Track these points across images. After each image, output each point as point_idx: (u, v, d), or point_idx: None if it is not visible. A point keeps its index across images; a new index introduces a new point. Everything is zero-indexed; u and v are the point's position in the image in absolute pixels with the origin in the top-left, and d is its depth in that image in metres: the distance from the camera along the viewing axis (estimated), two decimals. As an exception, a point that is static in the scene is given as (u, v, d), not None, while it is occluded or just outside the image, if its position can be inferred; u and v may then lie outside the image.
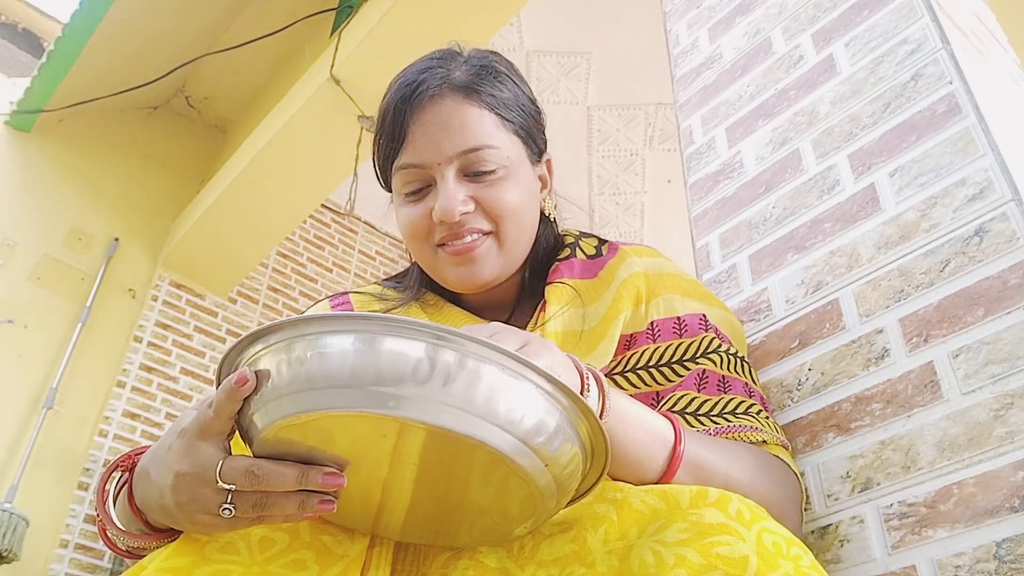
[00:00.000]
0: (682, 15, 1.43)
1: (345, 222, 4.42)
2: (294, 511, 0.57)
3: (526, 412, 0.54)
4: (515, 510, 0.59)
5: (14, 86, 3.57)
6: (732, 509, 0.59)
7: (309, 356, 0.53)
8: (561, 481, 0.57)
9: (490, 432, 0.53)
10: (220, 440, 0.59)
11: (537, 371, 0.54)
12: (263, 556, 0.62)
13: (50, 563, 2.86)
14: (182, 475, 0.59)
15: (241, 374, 0.55)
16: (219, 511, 0.57)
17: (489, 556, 0.64)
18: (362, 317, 0.53)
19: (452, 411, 0.52)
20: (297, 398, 0.53)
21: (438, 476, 0.58)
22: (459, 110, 0.80)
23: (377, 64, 2.89)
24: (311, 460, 0.56)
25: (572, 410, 0.56)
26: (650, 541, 0.58)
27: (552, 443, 0.55)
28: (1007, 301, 0.76)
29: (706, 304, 0.87)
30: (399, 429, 0.53)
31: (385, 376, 0.51)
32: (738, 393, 0.79)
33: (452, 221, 0.79)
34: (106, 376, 3.23)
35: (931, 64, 0.95)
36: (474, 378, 0.52)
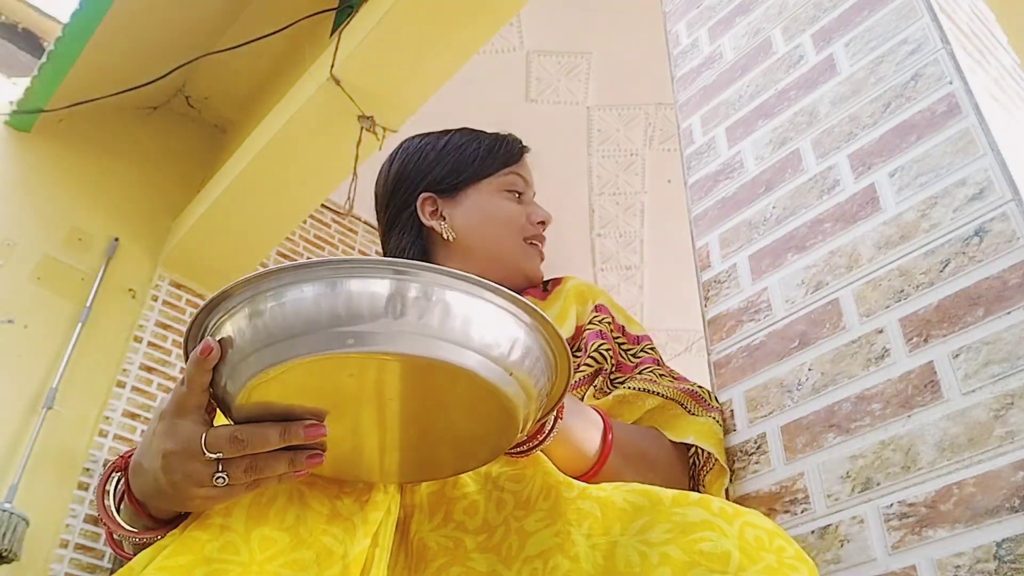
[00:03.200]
0: (682, 15, 1.43)
1: (345, 222, 4.42)
2: (286, 469, 0.59)
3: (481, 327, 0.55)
4: (492, 426, 0.61)
5: (14, 86, 3.57)
6: (715, 506, 0.60)
7: (266, 310, 0.54)
8: (528, 386, 0.59)
9: (452, 351, 0.54)
10: (199, 414, 0.60)
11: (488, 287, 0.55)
12: (263, 556, 0.62)
13: (50, 563, 2.85)
14: (170, 453, 0.60)
15: (205, 344, 0.57)
16: (213, 481, 0.59)
17: (480, 562, 0.64)
18: (309, 264, 0.54)
19: (410, 337, 0.53)
20: (261, 354, 0.54)
21: (411, 406, 0.59)
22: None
23: (377, 64, 2.89)
24: (290, 416, 0.58)
25: (531, 324, 0.58)
26: (635, 540, 0.59)
27: (512, 352, 0.56)
28: (1007, 301, 0.76)
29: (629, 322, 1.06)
30: (362, 366, 0.54)
31: (340, 316, 0.52)
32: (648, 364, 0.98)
33: (549, 223, 1.07)
34: (106, 376, 3.23)
35: (931, 64, 0.95)
36: (427, 303, 0.53)
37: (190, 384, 0.59)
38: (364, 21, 2.88)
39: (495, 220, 1.03)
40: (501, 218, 1.03)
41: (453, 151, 1.06)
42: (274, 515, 0.66)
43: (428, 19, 2.75)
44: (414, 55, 2.84)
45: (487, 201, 1.04)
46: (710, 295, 1.09)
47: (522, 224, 1.03)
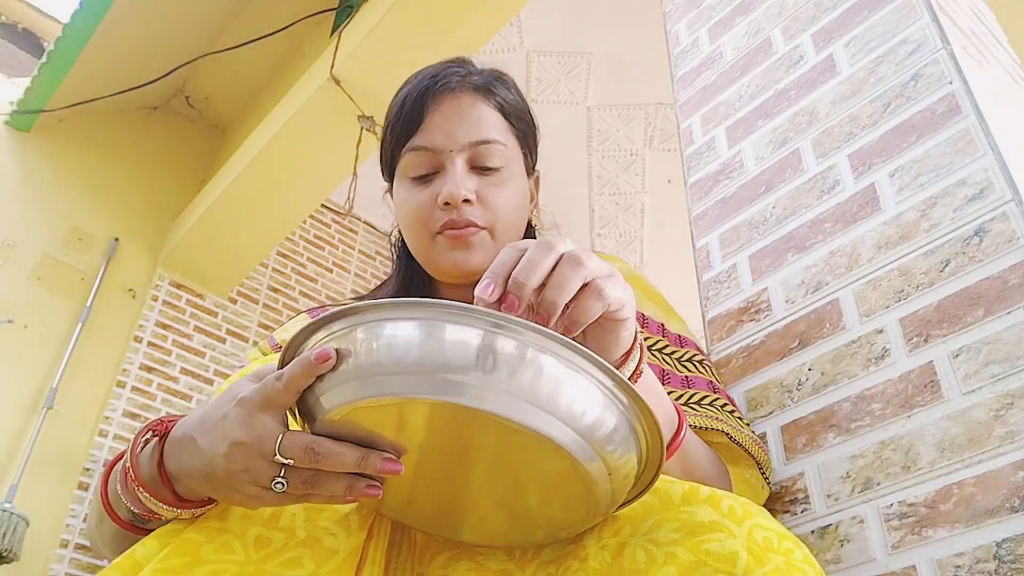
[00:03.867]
0: (682, 15, 1.43)
1: (345, 222, 4.42)
2: (341, 492, 0.57)
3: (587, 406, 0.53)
4: (563, 513, 0.59)
5: (14, 86, 3.57)
6: (724, 506, 0.59)
7: (377, 342, 0.53)
8: (617, 489, 0.57)
9: (554, 426, 0.52)
10: (281, 413, 0.58)
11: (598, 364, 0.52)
12: (258, 555, 0.62)
13: (50, 563, 2.86)
14: (239, 444, 0.58)
15: (324, 350, 0.55)
16: (271, 484, 0.57)
17: (490, 559, 0.64)
18: (434, 304, 0.52)
19: (518, 402, 0.51)
20: (370, 381, 0.53)
21: (493, 470, 0.57)
22: (476, 105, 0.86)
23: (377, 64, 2.89)
24: (370, 444, 0.56)
25: (630, 407, 0.55)
26: (643, 540, 0.58)
27: (612, 440, 0.54)
28: (1007, 301, 0.76)
29: (666, 315, 0.93)
30: (459, 417, 0.52)
31: (451, 364, 0.51)
32: (701, 388, 0.85)
33: (456, 204, 0.81)
34: (106, 376, 3.23)
35: (931, 64, 0.95)
36: (538, 369, 0.51)
37: (289, 383, 0.56)
38: (364, 21, 2.88)
39: (404, 219, 0.88)
40: (406, 216, 0.87)
41: (385, 127, 0.90)
42: (270, 515, 0.65)
43: (428, 19, 2.75)
44: (414, 55, 2.84)
45: (398, 195, 0.89)
46: (710, 295, 1.09)
47: (426, 215, 0.84)
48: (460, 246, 0.83)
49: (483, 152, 0.84)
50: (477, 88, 0.86)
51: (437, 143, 0.83)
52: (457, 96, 0.85)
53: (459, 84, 0.86)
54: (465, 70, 0.87)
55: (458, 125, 0.84)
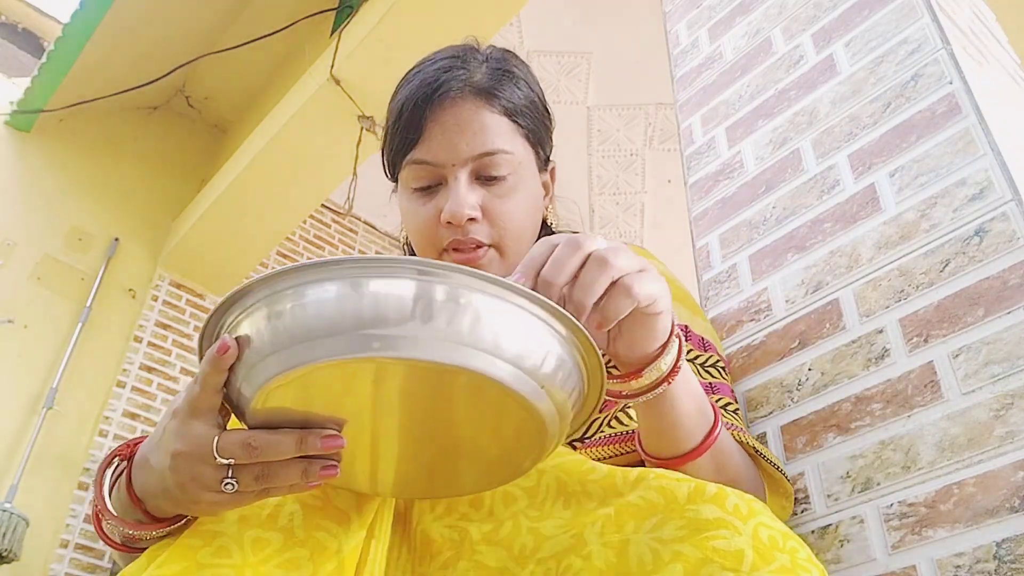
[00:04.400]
0: (682, 15, 1.43)
1: (345, 222, 4.42)
2: (298, 479, 0.56)
3: (512, 336, 0.52)
4: (518, 442, 0.58)
5: (14, 86, 3.57)
6: (729, 504, 0.59)
7: (287, 310, 0.51)
8: (560, 404, 0.56)
9: (479, 359, 0.51)
10: (212, 416, 0.58)
11: (520, 292, 0.52)
12: (256, 558, 0.62)
13: (50, 563, 2.86)
14: (179, 454, 0.58)
15: (221, 342, 0.54)
16: (221, 487, 0.57)
17: (488, 556, 0.64)
18: (335, 262, 0.51)
19: (439, 344, 0.50)
20: (280, 356, 0.51)
21: (436, 418, 0.57)
22: (479, 113, 0.80)
23: (377, 64, 2.89)
24: (307, 425, 0.55)
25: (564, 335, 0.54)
26: (647, 538, 0.58)
27: (545, 364, 0.53)
28: (1007, 301, 0.76)
29: (690, 314, 0.90)
30: (387, 371, 0.51)
31: (366, 318, 0.50)
32: (726, 395, 0.83)
33: (460, 224, 0.78)
34: (106, 376, 3.23)
35: (931, 64, 0.95)
36: (456, 308, 0.50)
37: (204, 384, 0.56)
38: (364, 21, 2.88)
39: (409, 231, 0.85)
40: (411, 230, 0.84)
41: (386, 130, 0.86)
42: (267, 515, 0.65)
43: (428, 19, 2.75)
44: (414, 55, 2.83)
45: (401, 203, 0.86)
46: (710, 295, 1.09)
47: (431, 233, 0.80)
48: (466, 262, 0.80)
49: (487, 163, 0.80)
50: (479, 92, 0.81)
51: (438, 157, 0.79)
52: (457, 105, 0.80)
53: (459, 91, 0.80)
54: (466, 70, 0.82)
55: (459, 138, 0.79)
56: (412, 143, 0.80)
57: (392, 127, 0.83)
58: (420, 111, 0.80)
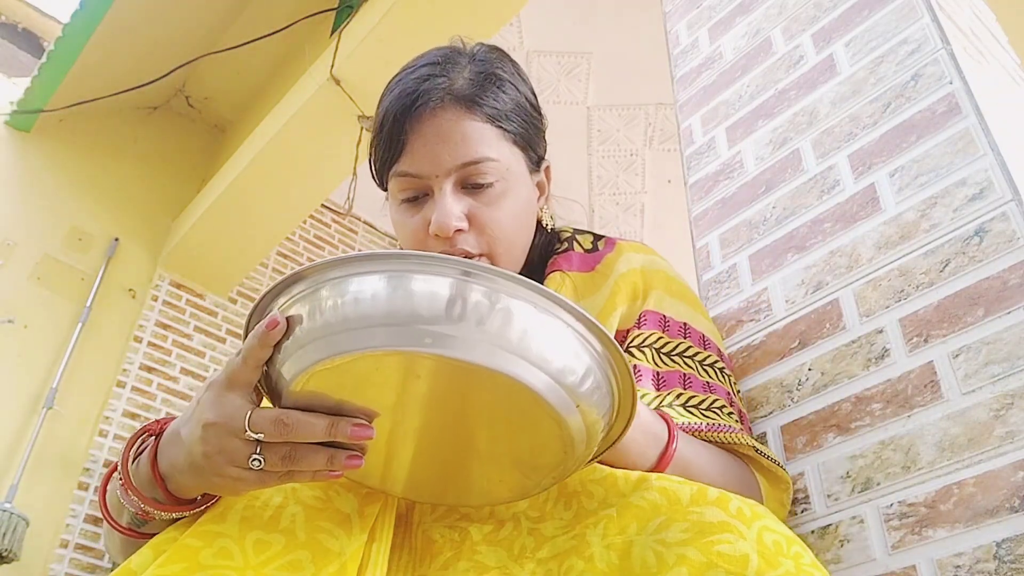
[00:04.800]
0: (682, 15, 1.43)
1: (345, 222, 4.42)
2: (323, 466, 0.57)
3: (558, 351, 0.53)
4: (541, 459, 0.59)
5: (14, 86, 3.57)
6: (732, 507, 0.59)
7: (342, 298, 0.52)
8: (590, 426, 0.57)
9: (526, 370, 0.52)
10: (249, 390, 0.59)
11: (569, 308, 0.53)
12: (257, 560, 0.61)
13: (50, 563, 2.85)
14: (210, 425, 0.58)
15: (272, 318, 0.55)
16: (248, 462, 0.57)
17: (489, 556, 0.64)
18: (393, 255, 0.52)
19: (489, 348, 0.51)
20: (332, 340, 0.52)
21: (461, 424, 0.57)
22: (460, 123, 0.79)
23: (377, 64, 2.89)
24: (340, 412, 0.56)
25: (603, 355, 0.55)
26: (651, 540, 0.58)
27: (583, 384, 0.54)
28: (1007, 301, 0.76)
29: (691, 310, 0.89)
30: (431, 368, 0.52)
31: (422, 314, 0.51)
32: (720, 396, 0.82)
33: (447, 235, 0.77)
34: (106, 376, 3.23)
35: (931, 64, 0.95)
36: (507, 315, 0.51)
37: (246, 358, 0.57)
38: (364, 21, 2.88)
39: (402, 242, 0.84)
40: (401, 240, 0.84)
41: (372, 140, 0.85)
42: (269, 517, 0.65)
43: (428, 19, 2.75)
44: (414, 55, 2.84)
45: (391, 213, 0.85)
46: (710, 295, 1.09)
47: (420, 242, 0.80)
48: None
49: (472, 172, 0.78)
50: (460, 100, 0.79)
51: (423, 170, 0.78)
52: (438, 116, 0.78)
53: (440, 101, 0.78)
54: (447, 78, 0.80)
55: (442, 148, 0.78)
56: (396, 156, 0.80)
57: (375, 139, 0.83)
58: (400, 123, 0.79)
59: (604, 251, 0.90)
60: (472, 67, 0.82)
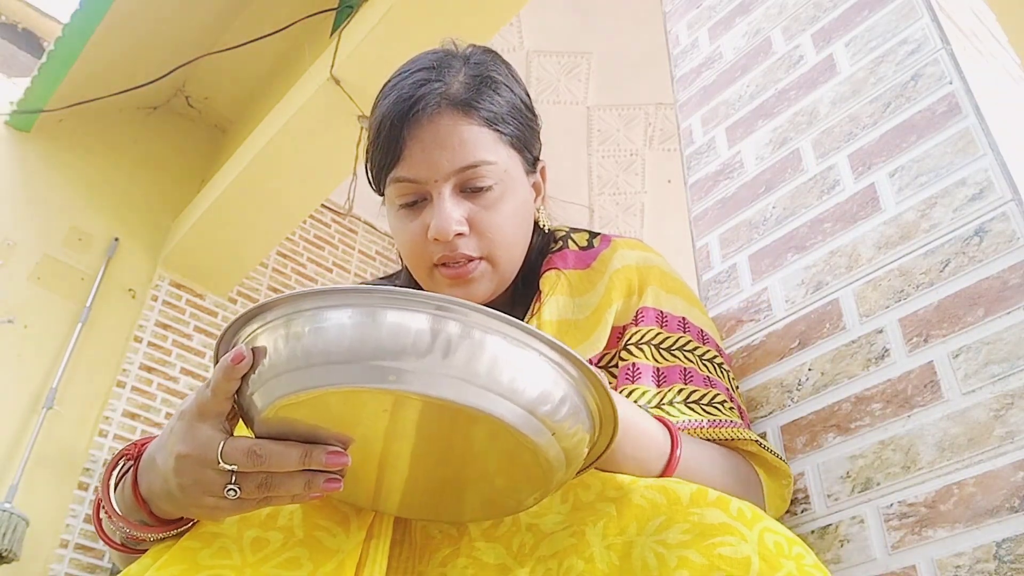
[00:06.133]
0: (682, 15, 1.43)
1: (345, 222, 4.42)
2: (300, 491, 0.56)
3: (530, 381, 0.52)
4: (524, 482, 0.59)
5: (14, 86, 3.57)
6: (733, 509, 0.59)
7: (306, 332, 0.52)
8: (570, 450, 0.56)
9: (495, 403, 0.51)
10: (220, 420, 0.58)
11: (541, 339, 0.52)
12: (255, 558, 0.62)
13: (50, 563, 2.86)
14: (183, 456, 0.58)
15: (237, 351, 0.54)
16: (224, 492, 0.57)
17: (487, 553, 0.64)
18: (358, 290, 0.51)
19: (455, 383, 0.50)
20: (295, 376, 0.52)
21: (444, 449, 0.57)
22: (457, 128, 0.79)
23: (377, 64, 2.89)
24: (314, 439, 0.55)
25: (579, 379, 0.55)
26: (651, 541, 0.58)
27: (559, 412, 0.54)
28: (1007, 301, 0.76)
29: (688, 305, 0.88)
30: (401, 403, 0.52)
31: (385, 349, 0.50)
32: (721, 391, 0.82)
33: (447, 240, 0.77)
34: (106, 376, 3.23)
35: (931, 64, 0.95)
36: (476, 348, 0.51)
37: (215, 390, 0.56)
38: (364, 21, 2.88)
39: (399, 247, 0.85)
40: (400, 246, 0.84)
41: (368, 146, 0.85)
42: (266, 515, 0.65)
43: (428, 19, 2.75)
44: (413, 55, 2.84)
45: (389, 219, 0.85)
46: (710, 295, 1.09)
47: (421, 249, 0.80)
48: (460, 284, 0.79)
49: (470, 176, 0.78)
50: (456, 105, 0.79)
51: (420, 175, 0.78)
52: (435, 121, 0.78)
53: (436, 105, 0.78)
54: (443, 82, 0.80)
55: (440, 153, 0.78)
56: (394, 161, 0.80)
57: (372, 144, 0.83)
58: (398, 129, 0.79)
59: (600, 248, 0.90)
60: (467, 70, 0.82)
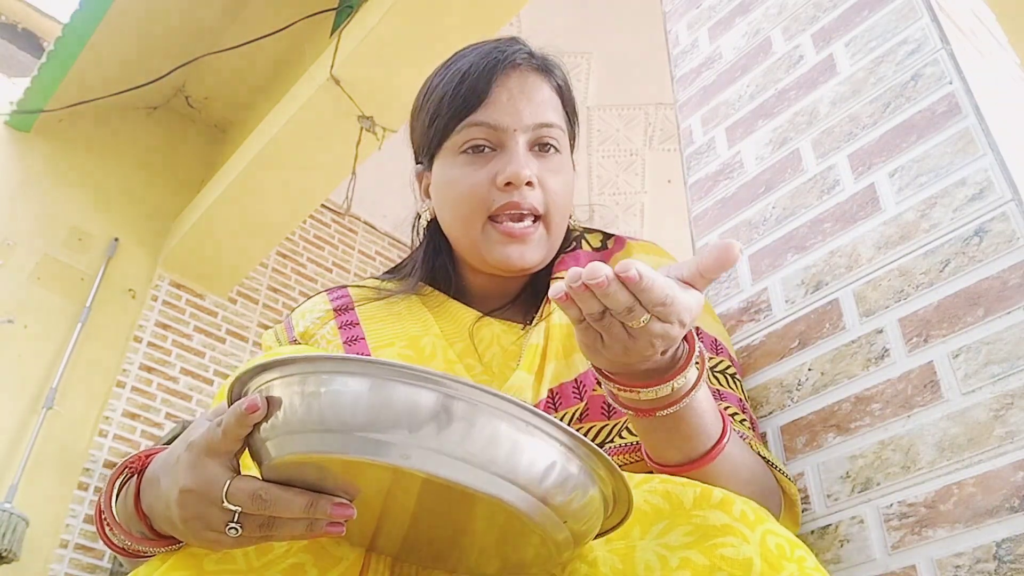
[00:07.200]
0: (682, 15, 1.43)
1: (345, 222, 4.42)
2: (302, 532, 0.56)
3: (543, 469, 0.52)
4: (528, 557, 0.59)
5: (14, 86, 3.57)
6: (736, 510, 0.58)
7: (323, 395, 0.52)
8: (579, 533, 0.56)
9: (508, 490, 0.51)
10: (228, 459, 0.57)
11: (556, 426, 0.52)
12: (259, 563, 0.61)
13: (50, 563, 2.86)
14: (187, 491, 0.57)
15: (252, 401, 0.54)
16: (225, 530, 0.56)
17: None
18: (381, 363, 0.51)
19: (468, 467, 0.50)
20: (309, 438, 0.52)
21: (450, 521, 0.57)
22: (541, 86, 0.84)
23: (377, 64, 2.89)
24: (321, 487, 0.55)
25: (592, 461, 0.54)
26: (654, 544, 0.58)
27: (573, 500, 0.53)
28: (1007, 301, 0.76)
29: (703, 314, 0.87)
30: (410, 477, 0.52)
31: (400, 425, 0.50)
32: (733, 403, 0.81)
33: (519, 185, 0.79)
34: (106, 376, 3.23)
35: (931, 64, 0.95)
36: (492, 433, 0.51)
37: (226, 433, 0.56)
38: (364, 21, 2.88)
39: (452, 198, 0.83)
40: (457, 195, 0.82)
41: (431, 103, 0.85)
42: None
43: (428, 19, 2.75)
44: (414, 55, 2.84)
45: (444, 172, 0.84)
46: (710, 295, 1.09)
47: (481, 196, 0.80)
48: (517, 241, 0.80)
49: (545, 134, 0.82)
50: (539, 67, 0.85)
51: (502, 121, 0.80)
52: (523, 73, 0.83)
53: (524, 61, 0.84)
54: (527, 48, 0.85)
55: (525, 104, 0.81)
56: (474, 106, 0.81)
57: (450, 92, 0.83)
58: (489, 75, 0.81)
59: (613, 249, 0.91)
60: (538, 51, 0.88)
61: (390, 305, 0.89)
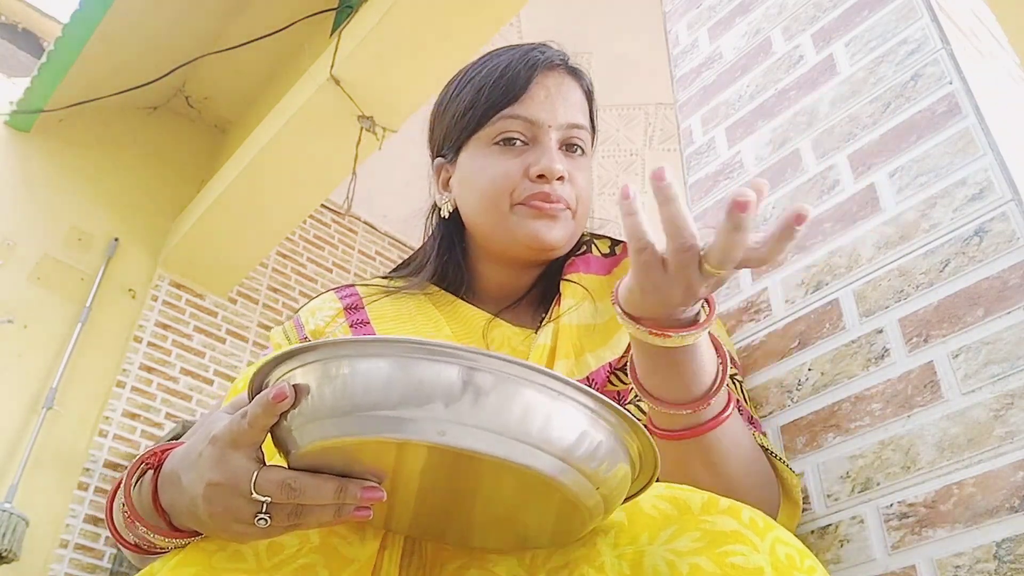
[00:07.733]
0: (682, 15, 1.43)
1: (345, 222, 4.42)
2: (330, 519, 0.56)
3: (575, 436, 0.52)
4: (557, 527, 0.59)
5: (14, 86, 3.57)
6: (745, 517, 0.58)
7: (353, 377, 0.52)
8: (609, 498, 0.57)
9: (542, 460, 0.52)
10: (253, 450, 0.57)
11: (582, 391, 0.52)
12: (271, 563, 0.61)
13: (50, 563, 2.86)
14: (214, 485, 0.57)
15: (280, 389, 0.54)
16: (254, 521, 0.56)
17: (500, 565, 0.63)
18: (409, 341, 0.51)
19: (505, 440, 0.50)
20: (340, 422, 0.52)
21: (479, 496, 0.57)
22: (575, 88, 0.89)
23: (377, 64, 2.89)
24: (349, 472, 0.55)
25: (620, 426, 0.55)
26: (662, 549, 0.57)
27: (602, 464, 0.54)
28: (1007, 301, 0.76)
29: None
30: (445, 452, 0.51)
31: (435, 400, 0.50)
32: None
33: (552, 178, 0.83)
34: (106, 376, 3.23)
35: (931, 64, 0.95)
36: (523, 404, 0.51)
37: (252, 422, 0.56)
38: (364, 21, 2.88)
39: (480, 184, 0.85)
40: (486, 181, 0.84)
41: (464, 95, 0.88)
42: None
43: (428, 19, 2.75)
44: (414, 55, 2.84)
45: (472, 162, 0.86)
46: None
47: (512, 184, 0.83)
48: (545, 217, 0.83)
49: (574, 134, 0.87)
50: (573, 72, 0.90)
51: (539, 116, 0.85)
52: (561, 75, 0.88)
53: (562, 64, 0.89)
54: (563, 52, 0.90)
55: (561, 104, 0.86)
56: (513, 99, 0.85)
57: (489, 84, 0.87)
58: (530, 71, 0.86)
59: (621, 255, 0.93)
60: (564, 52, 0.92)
61: (399, 304, 0.89)
